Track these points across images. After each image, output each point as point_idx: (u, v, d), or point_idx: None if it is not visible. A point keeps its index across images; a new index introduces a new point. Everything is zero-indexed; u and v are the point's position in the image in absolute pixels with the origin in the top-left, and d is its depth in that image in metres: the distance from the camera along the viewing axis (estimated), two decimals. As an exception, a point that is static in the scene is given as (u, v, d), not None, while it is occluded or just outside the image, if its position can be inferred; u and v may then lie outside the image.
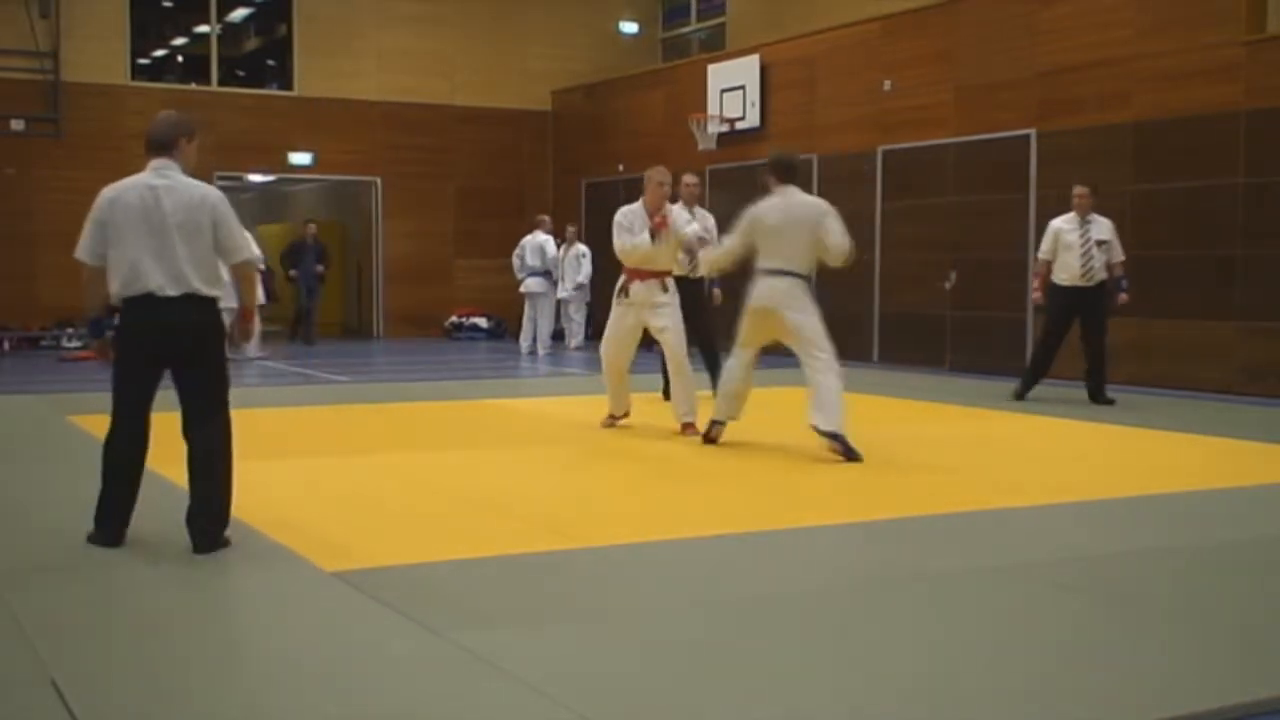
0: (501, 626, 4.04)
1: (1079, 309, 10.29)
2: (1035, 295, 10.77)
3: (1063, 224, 10.39)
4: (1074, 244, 10.23)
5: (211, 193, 5.08)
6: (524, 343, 16.81)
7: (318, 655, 3.79)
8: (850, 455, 7.40)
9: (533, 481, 6.83)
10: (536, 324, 16.68)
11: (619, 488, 6.79)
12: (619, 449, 7.99)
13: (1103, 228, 10.35)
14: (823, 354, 7.66)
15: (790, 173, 7.87)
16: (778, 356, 15.53)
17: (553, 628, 4.06)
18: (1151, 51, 12.02)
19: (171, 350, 5.04)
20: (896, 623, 4.16)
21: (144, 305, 4.97)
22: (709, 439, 8.13)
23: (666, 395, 9.67)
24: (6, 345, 16.80)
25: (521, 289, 16.74)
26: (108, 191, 5.06)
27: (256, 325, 5.30)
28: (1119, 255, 10.42)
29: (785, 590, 4.56)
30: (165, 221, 4.94)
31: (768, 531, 5.47)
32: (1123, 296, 10.41)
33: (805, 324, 7.71)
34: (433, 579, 4.65)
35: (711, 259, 8.57)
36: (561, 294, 16.81)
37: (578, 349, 16.75)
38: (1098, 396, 10.39)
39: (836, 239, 7.74)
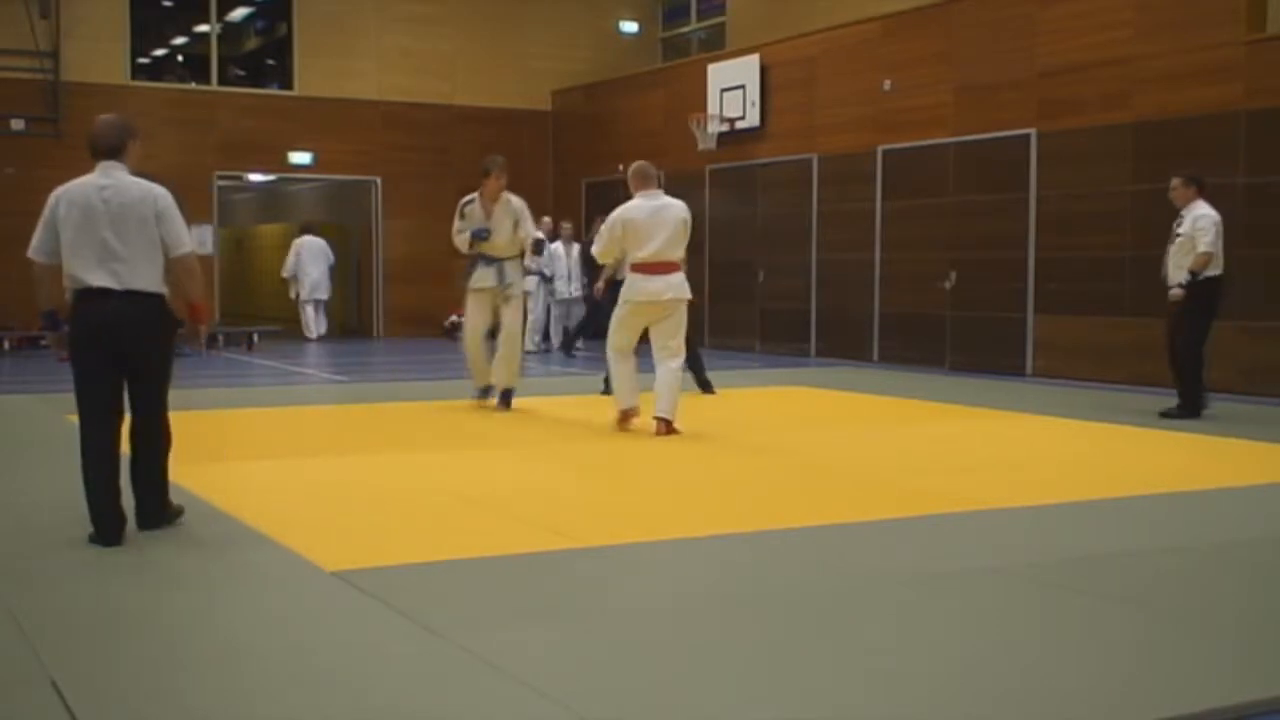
0: (502, 626, 4.04)
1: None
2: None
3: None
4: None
5: (154, 189, 5.24)
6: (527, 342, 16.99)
7: (318, 655, 3.79)
8: None
9: (532, 481, 6.83)
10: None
11: (619, 487, 6.78)
12: (618, 448, 7.99)
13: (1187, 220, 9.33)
14: None
15: None
16: (777, 357, 15.55)
17: (553, 628, 4.05)
18: (1151, 51, 12.02)
19: (114, 345, 5.20)
20: (896, 623, 4.16)
21: (88, 301, 5.19)
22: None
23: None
24: (6, 345, 16.79)
25: None
26: (57, 191, 5.30)
27: (205, 324, 5.53)
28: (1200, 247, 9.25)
29: (784, 590, 4.56)
30: (109, 220, 5.15)
31: (768, 531, 5.47)
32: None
33: None
34: (433, 579, 4.65)
35: None
36: (566, 294, 16.87)
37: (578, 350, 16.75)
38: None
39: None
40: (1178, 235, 9.35)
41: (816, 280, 15.82)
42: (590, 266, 11.97)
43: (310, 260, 19.10)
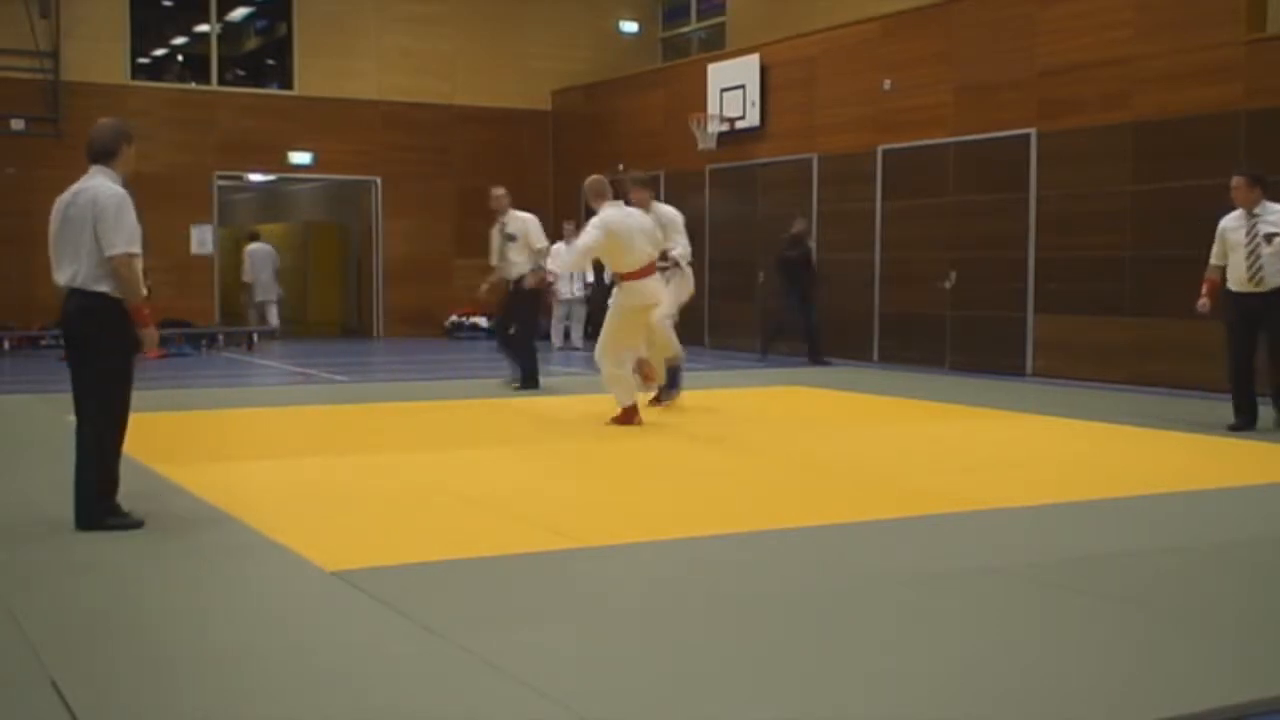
0: (501, 626, 4.04)
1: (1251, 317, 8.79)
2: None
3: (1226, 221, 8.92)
4: (1239, 242, 8.77)
5: (103, 192, 5.38)
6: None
7: (318, 655, 3.79)
8: None
9: (532, 481, 6.83)
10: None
11: (619, 487, 6.78)
12: (618, 448, 7.98)
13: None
14: None
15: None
16: (777, 357, 15.54)
17: (553, 628, 4.06)
18: (1151, 51, 12.02)
19: (66, 336, 5.50)
20: (896, 623, 4.16)
21: (63, 300, 5.47)
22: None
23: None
24: (6, 345, 16.80)
25: None
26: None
27: (147, 327, 5.50)
28: None
29: (785, 590, 4.56)
30: (70, 224, 5.39)
31: (768, 531, 5.47)
32: None
33: None
34: (433, 579, 4.65)
35: None
36: (568, 294, 16.95)
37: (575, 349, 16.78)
38: None
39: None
40: (1276, 236, 8.61)
41: (823, 278, 15.78)
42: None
43: (259, 265, 19.75)
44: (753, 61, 16.51)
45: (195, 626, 4.13)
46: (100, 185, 5.41)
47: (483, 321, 19.62)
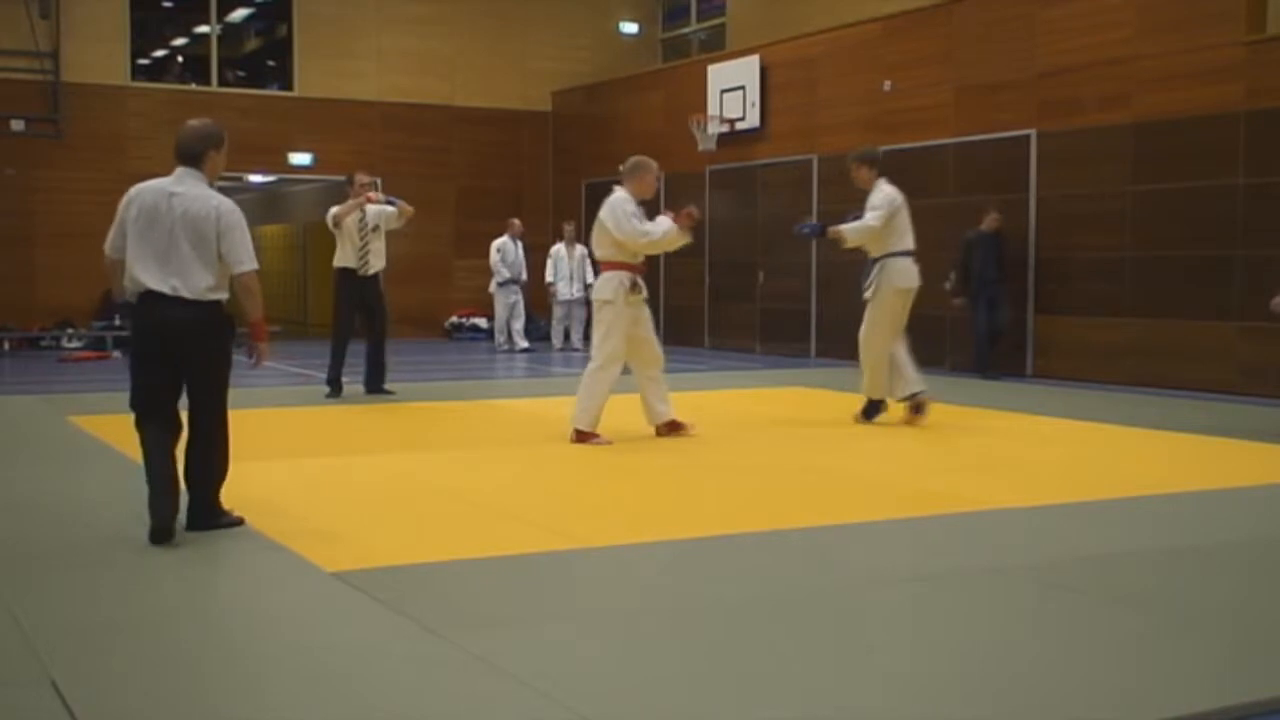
0: (501, 626, 4.04)
1: None
2: None
3: None
4: None
5: (222, 205, 5.29)
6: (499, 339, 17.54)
7: (318, 655, 3.79)
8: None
9: (532, 482, 6.83)
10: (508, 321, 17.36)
11: (619, 488, 6.78)
12: (618, 449, 7.97)
13: None
14: None
15: None
16: (777, 357, 15.51)
17: (553, 628, 4.06)
18: (1151, 51, 12.02)
19: (168, 347, 5.29)
20: (896, 623, 4.17)
21: (146, 303, 5.27)
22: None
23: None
24: (6, 345, 16.80)
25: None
26: (130, 191, 5.39)
27: (264, 342, 5.49)
28: None
29: (786, 590, 4.56)
30: (172, 227, 5.22)
31: (768, 532, 5.47)
32: None
33: None
34: (433, 579, 4.65)
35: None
36: (568, 295, 17.01)
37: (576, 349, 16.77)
38: None
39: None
40: None
41: (816, 280, 15.81)
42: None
43: None
44: (753, 62, 16.51)
45: (195, 626, 4.13)
46: (207, 195, 5.28)
47: (482, 322, 19.63)
